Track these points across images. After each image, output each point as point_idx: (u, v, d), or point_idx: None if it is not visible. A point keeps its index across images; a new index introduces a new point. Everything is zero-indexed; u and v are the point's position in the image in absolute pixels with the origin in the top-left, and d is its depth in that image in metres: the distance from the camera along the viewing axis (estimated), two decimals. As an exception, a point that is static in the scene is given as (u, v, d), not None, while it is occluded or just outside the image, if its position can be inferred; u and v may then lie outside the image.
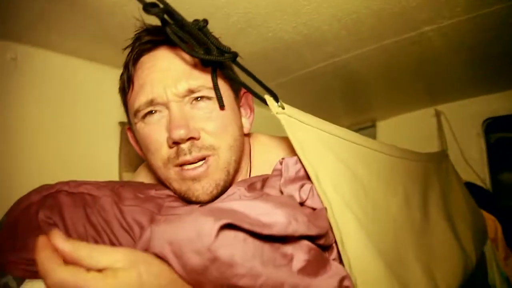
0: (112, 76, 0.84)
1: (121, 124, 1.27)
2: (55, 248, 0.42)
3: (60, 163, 1.17)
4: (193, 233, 0.43)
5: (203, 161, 0.72)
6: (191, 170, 0.72)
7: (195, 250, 0.42)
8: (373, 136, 2.30)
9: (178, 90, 0.71)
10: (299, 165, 0.62)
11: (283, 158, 0.65)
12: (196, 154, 0.71)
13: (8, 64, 1.09)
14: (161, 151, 0.72)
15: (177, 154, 0.71)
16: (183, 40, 0.62)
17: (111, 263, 0.41)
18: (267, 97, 0.64)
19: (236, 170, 0.78)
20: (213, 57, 0.61)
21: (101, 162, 1.27)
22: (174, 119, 0.70)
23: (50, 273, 0.39)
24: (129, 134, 0.87)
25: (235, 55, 0.62)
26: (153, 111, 0.73)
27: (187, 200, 0.74)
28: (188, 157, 0.70)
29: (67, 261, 0.42)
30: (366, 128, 2.35)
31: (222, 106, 0.72)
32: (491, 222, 1.53)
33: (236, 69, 0.69)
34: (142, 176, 0.93)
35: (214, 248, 0.42)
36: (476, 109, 2.03)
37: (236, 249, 0.43)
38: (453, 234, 1.04)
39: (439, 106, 2.12)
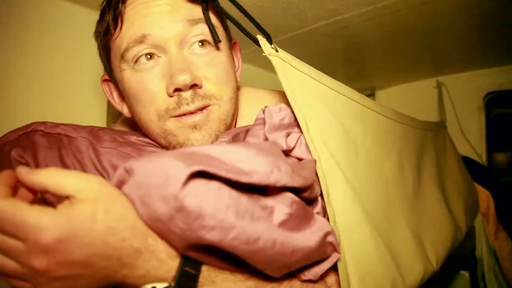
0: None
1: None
2: (17, 182, 0.39)
3: (44, 109, 1.12)
4: (161, 178, 0.38)
5: (204, 109, 0.66)
6: (190, 116, 0.65)
7: (162, 197, 0.38)
8: (372, 105, 2.26)
9: (177, 27, 0.64)
10: (283, 113, 0.57)
11: (266, 106, 0.59)
12: (198, 103, 0.64)
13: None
14: (157, 102, 0.65)
15: (178, 104, 0.64)
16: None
17: (74, 191, 0.38)
18: (260, 37, 0.59)
19: (231, 124, 0.73)
20: (201, -13, 0.56)
21: (88, 111, 1.22)
22: (176, 63, 0.63)
23: None
24: (104, 86, 0.78)
25: (225, -15, 0.57)
26: (148, 55, 0.64)
27: None
28: (190, 107, 0.64)
29: (35, 191, 0.39)
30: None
31: (217, 41, 0.65)
32: (484, 196, 1.52)
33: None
34: None
35: (181, 196, 0.37)
36: (478, 83, 1.99)
37: (207, 199, 0.39)
38: (444, 203, 1.02)
39: (441, 77, 2.06)
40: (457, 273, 1.42)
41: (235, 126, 0.79)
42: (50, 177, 0.38)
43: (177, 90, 0.63)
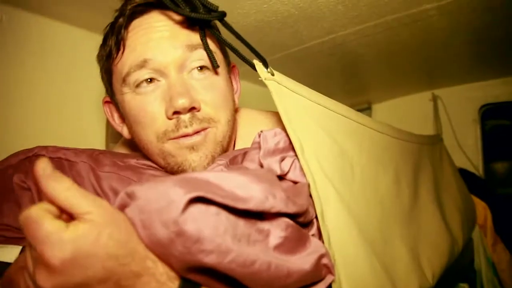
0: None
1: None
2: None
3: (47, 130, 1.14)
4: (162, 203, 0.40)
5: (202, 131, 0.69)
6: (188, 138, 0.68)
7: (162, 221, 0.40)
8: (369, 119, 2.28)
9: (177, 52, 0.67)
10: (278, 137, 0.59)
11: (261, 131, 0.61)
12: (196, 126, 0.67)
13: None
14: (156, 124, 0.68)
15: (177, 127, 0.66)
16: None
17: (83, 212, 0.39)
18: (256, 62, 0.61)
19: (228, 146, 0.76)
20: (199, 15, 0.58)
21: (89, 131, 1.24)
22: (176, 86, 0.66)
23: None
24: (106, 108, 0.80)
25: (223, 14, 0.59)
26: (149, 79, 0.67)
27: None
28: (189, 129, 0.66)
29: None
30: (361, 110, 2.32)
31: (215, 66, 0.68)
32: (482, 209, 1.53)
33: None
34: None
35: (181, 221, 0.39)
36: (473, 95, 2.01)
37: (206, 223, 0.40)
38: (441, 217, 1.03)
39: (436, 90, 2.09)
40: (456, 285, 1.42)
41: (234, 147, 0.81)
42: (64, 191, 0.39)
43: (176, 113, 0.66)
